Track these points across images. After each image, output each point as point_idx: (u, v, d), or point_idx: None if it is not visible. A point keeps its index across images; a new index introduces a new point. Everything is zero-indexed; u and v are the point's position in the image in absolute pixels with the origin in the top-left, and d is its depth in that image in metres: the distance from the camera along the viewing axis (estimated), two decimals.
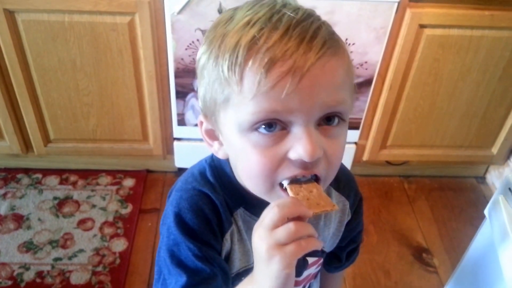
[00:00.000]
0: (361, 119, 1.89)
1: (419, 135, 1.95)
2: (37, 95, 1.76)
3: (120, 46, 1.65)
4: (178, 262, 0.66)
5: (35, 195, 1.96)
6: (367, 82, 1.78)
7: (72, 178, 2.04)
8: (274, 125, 0.56)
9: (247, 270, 0.72)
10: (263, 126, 0.56)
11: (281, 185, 0.60)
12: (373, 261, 1.83)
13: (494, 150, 2.02)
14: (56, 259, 1.73)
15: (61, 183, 2.02)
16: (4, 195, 1.95)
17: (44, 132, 1.87)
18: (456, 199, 2.11)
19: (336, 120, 0.58)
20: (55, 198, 1.95)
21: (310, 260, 0.79)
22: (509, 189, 0.85)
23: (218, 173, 0.70)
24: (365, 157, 2.01)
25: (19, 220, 1.86)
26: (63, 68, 1.69)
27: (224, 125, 0.60)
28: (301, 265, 0.77)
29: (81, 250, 1.76)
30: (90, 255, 1.75)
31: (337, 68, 0.56)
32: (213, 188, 0.69)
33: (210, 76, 0.58)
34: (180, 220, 0.66)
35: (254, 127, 0.56)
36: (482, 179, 2.23)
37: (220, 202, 0.68)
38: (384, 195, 2.12)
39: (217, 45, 0.57)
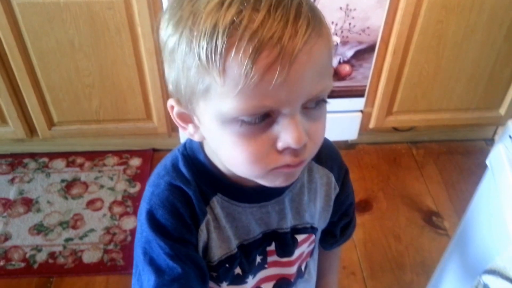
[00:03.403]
0: (365, 86, 1.87)
1: (425, 100, 1.93)
2: (38, 79, 1.76)
3: (118, 24, 1.63)
4: (150, 259, 0.65)
5: (42, 178, 1.97)
6: (370, 48, 1.75)
7: (79, 160, 2.05)
8: (260, 116, 0.53)
9: (229, 257, 0.71)
10: (249, 117, 0.53)
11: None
12: (383, 226, 1.83)
13: (502, 111, 1.99)
14: (68, 240, 1.74)
15: (68, 165, 2.03)
16: (12, 180, 1.97)
17: (48, 115, 1.87)
18: (465, 162, 2.09)
19: (320, 103, 0.56)
20: (62, 180, 1.96)
21: (300, 237, 0.77)
22: (510, 136, 0.84)
23: (192, 162, 0.68)
24: (372, 124, 2.00)
25: (29, 203, 1.87)
26: (62, 50, 1.68)
27: (203, 114, 0.56)
28: (290, 244, 0.75)
29: (91, 230, 1.78)
30: (101, 234, 1.76)
31: (322, 51, 0.52)
32: (186, 180, 0.66)
33: (184, 62, 0.53)
34: (151, 217, 0.65)
35: (239, 119, 0.53)
36: (491, 141, 2.20)
37: (193, 193, 0.66)
38: (392, 162, 2.11)
39: (187, 27, 0.51)
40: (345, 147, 2.14)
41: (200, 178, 0.67)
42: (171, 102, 0.62)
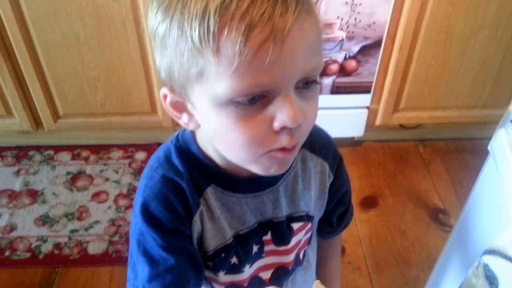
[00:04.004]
0: (372, 82, 1.85)
1: (432, 97, 1.91)
2: (44, 71, 1.77)
3: (123, 17, 1.64)
4: (144, 250, 0.65)
5: (48, 171, 1.99)
6: (377, 44, 1.74)
7: (84, 153, 2.07)
8: (256, 96, 0.53)
9: (225, 247, 0.71)
10: (244, 98, 0.53)
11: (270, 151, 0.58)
12: (389, 222, 1.83)
13: (511, 108, 1.96)
14: (73, 231, 1.76)
15: (73, 158, 2.05)
16: (18, 171, 1.99)
17: (53, 108, 1.89)
18: (472, 160, 2.07)
19: (312, 84, 0.57)
20: (68, 173, 1.98)
21: (295, 226, 0.77)
22: (511, 121, 0.84)
23: (185, 153, 0.68)
24: (378, 121, 1.99)
25: (34, 195, 1.89)
26: (67, 43, 1.69)
27: (198, 98, 0.56)
28: (286, 232, 0.75)
29: (97, 222, 1.79)
30: (106, 225, 1.78)
31: (312, 28, 0.53)
32: (179, 172, 0.67)
33: (177, 47, 0.53)
34: (145, 210, 0.65)
35: (235, 100, 0.53)
36: None
37: (186, 185, 0.66)
38: (399, 159, 2.09)
39: (177, 12, 0.52)
40: (351, 144, 2.13)
41: (194, 169, 0.67)
42: (164, 91, 0.61)
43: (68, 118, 1.93)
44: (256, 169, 0.60)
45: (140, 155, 2.05)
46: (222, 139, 0.59)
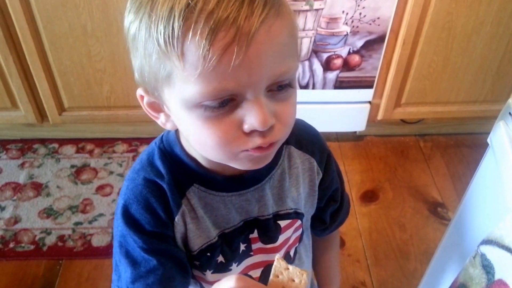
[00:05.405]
0: (374, 77, 1.87)
1: (434, 92, 1.93)
2: (49, 63, 1.77)
3: None
4: (126, 252, 0.66)
5: (52, 164, 1.99)
6: (380, 39, 1.76)
7: (89, 146, 2.07)
8: (225, 100, 0.53)
9: (210, 246, 0.71)
10: (213, 102, 0.53)
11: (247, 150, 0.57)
12: (388, 216, 1.85)
13: (510, 101, 1.99)
14: (77, 224, 1.76)
15: (77, 151, 2.05)
16: (22, 164, 1.99)
17: (58, 100, 1.88)
18: (471, 155, 2.10)
19: (285, 87, 0.56)
20: (72, 166, 1.98)
21: (283, 223, 0.76)
22: (510, 113, 0.85)
23: (168, 154, 0.68)
24: (380, 116, 2.00)
25: (38, 188, 1.89)
26: (74, 34, 1.69)
27: (169, 100, 0.56)
28: (273, 230, 0.75)
29: (101, 214, 1.79)
30: (110, 218, 1.78)
31: (282, 31, 0.52)
32: (160, 173, 0.67)
33: (146, 49, 0.53)
34: (125, 212, 0.66)
35: (203, 104, 0.53)
36: None
37: (167, 186, 0.66)
38: (400, 154, 2.12)
39: (146, 13, 0.52)
40: (353, 139, 2.15)
41: (176, 170, 0.67)
42: (139, 92, 0.61)
43: (73, 111, 1.92)
44: (236, 165, 0.60)
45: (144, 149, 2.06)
46: (195, 139, 0.59)
